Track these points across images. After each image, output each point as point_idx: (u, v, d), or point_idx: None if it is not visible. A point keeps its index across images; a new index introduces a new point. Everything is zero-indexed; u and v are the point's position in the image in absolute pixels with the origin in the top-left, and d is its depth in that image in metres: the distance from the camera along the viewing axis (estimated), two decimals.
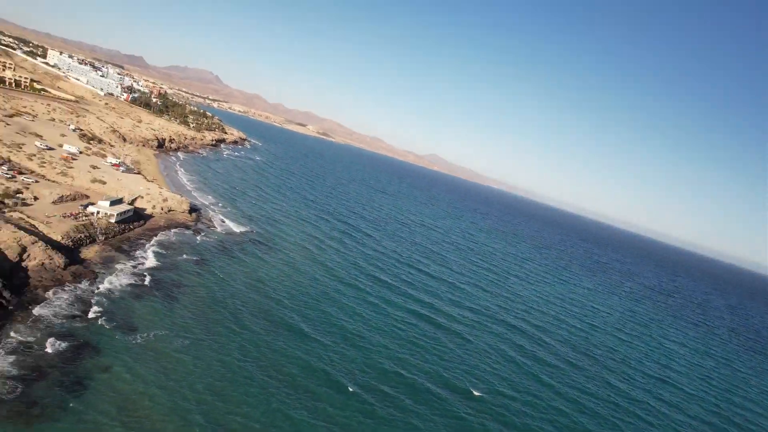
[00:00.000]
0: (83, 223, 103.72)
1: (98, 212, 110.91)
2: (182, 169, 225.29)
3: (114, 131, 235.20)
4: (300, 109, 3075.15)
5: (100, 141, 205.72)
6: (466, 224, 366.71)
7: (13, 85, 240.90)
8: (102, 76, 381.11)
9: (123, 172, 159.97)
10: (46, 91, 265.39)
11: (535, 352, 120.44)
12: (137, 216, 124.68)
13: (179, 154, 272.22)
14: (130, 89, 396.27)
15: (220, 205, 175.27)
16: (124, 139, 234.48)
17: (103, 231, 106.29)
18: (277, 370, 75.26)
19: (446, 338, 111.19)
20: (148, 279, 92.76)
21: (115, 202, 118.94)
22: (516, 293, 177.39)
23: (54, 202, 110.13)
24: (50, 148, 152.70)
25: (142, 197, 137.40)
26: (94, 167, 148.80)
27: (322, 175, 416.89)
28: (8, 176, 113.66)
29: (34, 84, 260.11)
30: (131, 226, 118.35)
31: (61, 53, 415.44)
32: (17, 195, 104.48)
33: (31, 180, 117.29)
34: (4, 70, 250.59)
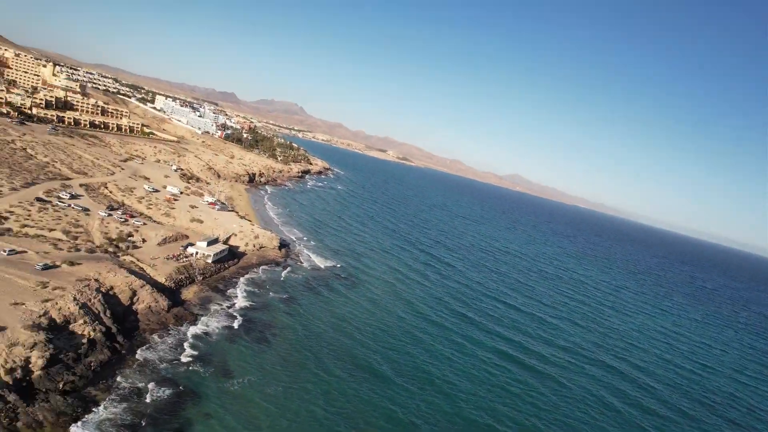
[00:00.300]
0: (184, 264, 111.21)
1: (197, 253, 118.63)
2: (270, 203, 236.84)
3: (210, 168, 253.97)
4: (380, 135, 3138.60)
5: (198, 179, 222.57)
6: (554, 249, 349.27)
7: (128, 131, 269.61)
8: (199, 116, 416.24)
9: (218, 210, 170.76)
10: (154, 134, 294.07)
11: (639, 398, 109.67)
12: (231, 254, 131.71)
13: (267, 187, 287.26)
14: (223, 126, 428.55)
15: (305, 239, 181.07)
16: (219, 176, 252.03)
17: (201, 271, 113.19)
18: (364, 420, 74.19)
19: (539, 382, 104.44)
20: (240, 320, 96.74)
21: (211, 242, 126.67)
22: (612, 327, 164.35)
23: (159, 244, 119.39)
24: (156, 190, 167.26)
25: (236, 235, 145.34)
26: (192, 207, 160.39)
27: (402, 202, 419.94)
28: (122, 220, 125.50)
29: (144, 128, 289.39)
30: (226, 265, 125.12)
31: (166, 97, 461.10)
32: (129, 238, 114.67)
33: (140, 223, 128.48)
34: (121, 118, 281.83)
